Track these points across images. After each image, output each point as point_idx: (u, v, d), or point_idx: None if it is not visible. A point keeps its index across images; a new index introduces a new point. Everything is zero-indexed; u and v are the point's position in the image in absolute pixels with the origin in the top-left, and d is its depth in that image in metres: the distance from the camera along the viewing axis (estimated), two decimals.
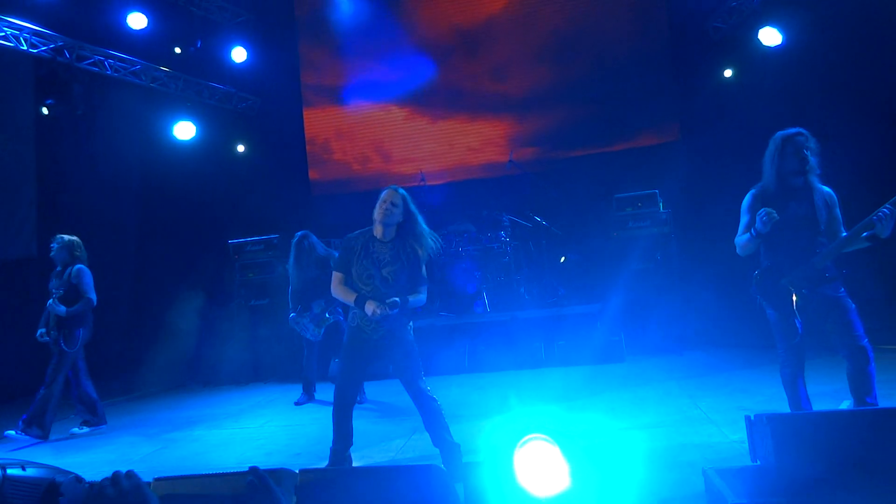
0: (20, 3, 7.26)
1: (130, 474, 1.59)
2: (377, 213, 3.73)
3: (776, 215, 3.31)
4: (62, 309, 5.55)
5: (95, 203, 9.30)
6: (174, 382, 8.07)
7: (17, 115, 8.58)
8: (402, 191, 3.79)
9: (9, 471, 2.44)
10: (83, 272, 5.72)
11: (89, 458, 4.96)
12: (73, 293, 5.64)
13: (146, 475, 2.81)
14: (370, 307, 3.62)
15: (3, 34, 7.17)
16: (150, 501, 1.58)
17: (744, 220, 3.63)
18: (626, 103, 9.11)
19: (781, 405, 3.88)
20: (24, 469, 2.53)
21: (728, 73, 8.38)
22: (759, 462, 2.35)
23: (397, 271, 3.72)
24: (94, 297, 5.71)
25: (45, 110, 7.88)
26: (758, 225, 3.37)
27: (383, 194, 3.78)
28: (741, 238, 3.59)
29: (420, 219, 3.81)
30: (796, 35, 7.48)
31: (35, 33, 7.44)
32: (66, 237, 5.84)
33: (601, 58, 9.25)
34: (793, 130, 3.51)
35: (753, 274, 3.64)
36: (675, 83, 9.08)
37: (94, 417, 5.83)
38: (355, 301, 3.69)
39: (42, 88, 8.12)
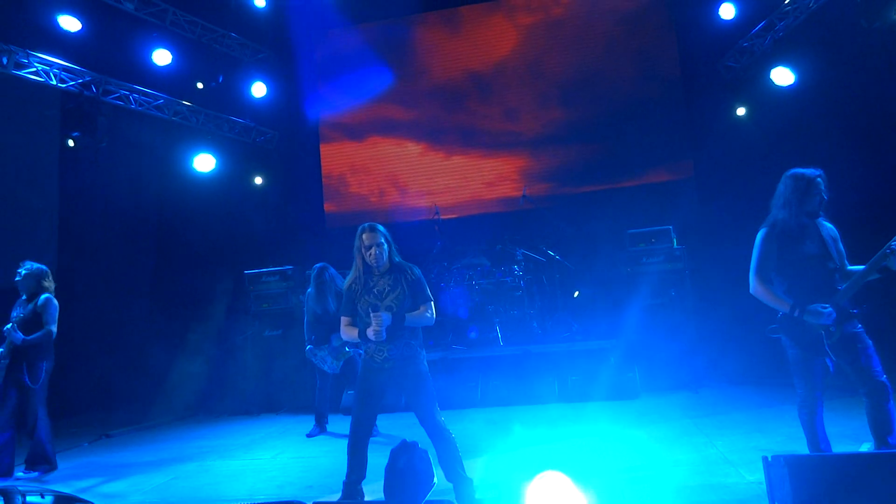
0: (51, 40, 7.53)
1: None
2: (370, 260, 3.78)
3: (833, 329, 3.37)
4: (19, 336, 5.20)
5: (115, 232, 9.48)
6: (186, 412, 8.08)
7: (42, 145, 8.82)
8: (379, 227, 3.86)
9: (28, 498, 2.48)
10: (50, 302, 5.42)
11: (104, 488, 4.96)
12: (35, 322, 5.35)
13: None
14: (370, 331, 3.67)
15: (34, 69, 7.43)
16: None
17: (755, 259, 3.59)
18: (639, 140, 9.21)
19: (800, 445, 3.83)
20: (42, 497, 2.57)
21: (741, 111, 8.45)
22: None
23: (400, 297, 3.78)
24: (55, 329, 5.42)
25: (70, 142, 8.10)
26: (824, 320, 3.35)
27: (365, 239, 3.79)
28: (768, 295, 3.52)
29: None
30: (808, 75, 7.57)
31: (64, 69, 7.70)
32: (35, 265, 5.52)
33: (614, 96, 9.39)
34: (815, 172, 3.54)
35: (778, 315, 3.57)
36: (687, 121, 9.17)
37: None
38: (359, 336, 3.78)
39: (68, 121, 8.37)
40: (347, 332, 3.89)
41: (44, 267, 5.57)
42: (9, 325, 5.23)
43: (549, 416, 6.17)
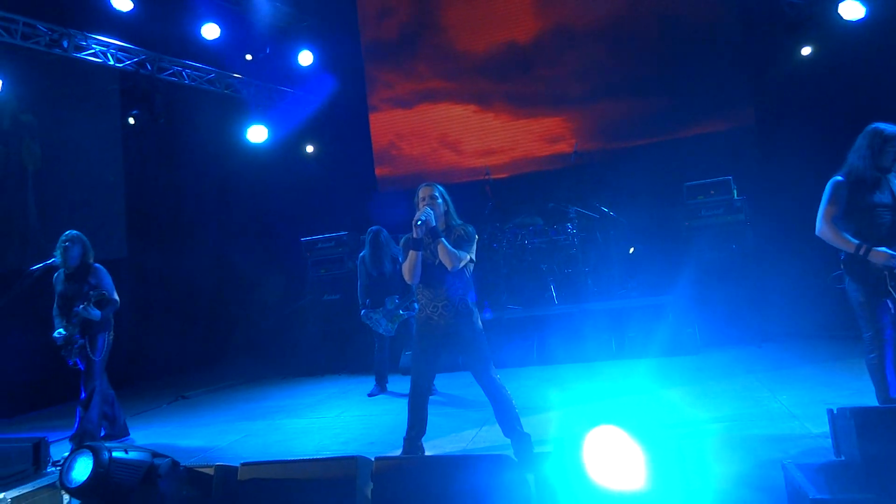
0: (106, 21, 7.76)
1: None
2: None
3: None
4: (97, 313, 4.94)
5: (178, 206, 9.86)
6: (254, 374, 8.44)
7: (106, 125, 9.18)
8: (437, 186, 3.93)
9: (114, 453, 2.68)
10: (105, 271, 5.16)
11: (182, 444, 5.29)
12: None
13: (233, 461, 3.01)
14: (414, 220, 3.70)
15: (92, 51, 7.69)
16: None
17: (825, 203, 3.63)
18: (696, 88, 8.79)
19: (868, 399, 3.74)
20: (126, 452, 2.76)
21: (805, 51, 7.94)
22: (842, 457, 2.27)
23: None
24: (117, 297, 5.19)
25: (131, 120, 8.40)
26: (890, 262, 3.38)
27: (420, 193, 3.89)
28: (833, 235, 3.57)
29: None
30: (880, 7, 7.02)
31: (119, 48, 7.94)
32: (75, 231, 5.14)
33: (667, 43, 8.96)
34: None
35: (840, 258, 3.65)
36: (747, 65, 8.69)
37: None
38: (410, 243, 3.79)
39: (127, 100, 8.67)
40: (408, 266, 3.83)
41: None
42: (80, 306, 4.89)
43: (607, 372, 6.16)
